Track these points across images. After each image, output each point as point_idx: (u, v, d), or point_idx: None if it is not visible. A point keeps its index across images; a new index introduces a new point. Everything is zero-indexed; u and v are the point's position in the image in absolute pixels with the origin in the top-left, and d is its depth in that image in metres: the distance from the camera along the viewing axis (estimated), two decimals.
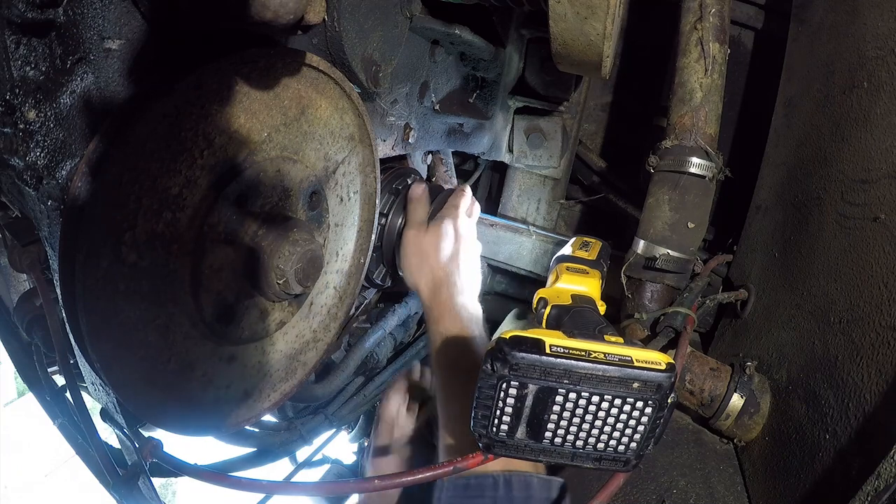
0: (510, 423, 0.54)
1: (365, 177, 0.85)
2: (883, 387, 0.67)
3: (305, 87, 0.67)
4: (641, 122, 1.51)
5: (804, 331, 0.86)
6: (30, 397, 1.91)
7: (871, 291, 0.74)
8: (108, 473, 0.61)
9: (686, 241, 1.02)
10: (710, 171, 1.01)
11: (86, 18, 0.48)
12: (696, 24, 1.02)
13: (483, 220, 1.40)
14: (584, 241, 0.98)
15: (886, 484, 0.58)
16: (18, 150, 0.47)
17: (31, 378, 0.94)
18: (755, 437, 0.90)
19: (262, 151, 0.63)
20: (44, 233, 0.54)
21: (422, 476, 0.57)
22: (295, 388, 0.81)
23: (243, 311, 0.66)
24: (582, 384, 0.51)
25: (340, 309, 0.87)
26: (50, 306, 0.62)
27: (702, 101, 1.02)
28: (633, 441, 0.54)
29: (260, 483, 0.62)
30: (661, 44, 1.37)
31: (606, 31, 0.75)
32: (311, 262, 0.66)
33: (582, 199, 1.60)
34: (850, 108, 0.89)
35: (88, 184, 0.50)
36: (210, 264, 0.60)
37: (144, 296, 0.55)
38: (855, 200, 0.82)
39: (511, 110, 1.47)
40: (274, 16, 0.50)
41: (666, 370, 0.51)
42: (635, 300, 1.06)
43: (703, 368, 0.94)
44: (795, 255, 0.95)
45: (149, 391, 0.58)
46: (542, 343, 0.52)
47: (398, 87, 0.97)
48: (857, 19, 0.93)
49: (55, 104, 0.48)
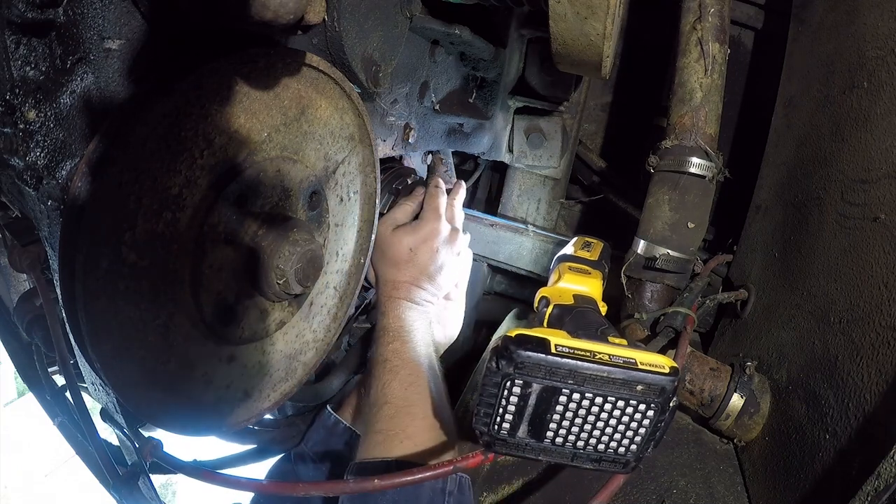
0: (512, 421, 0.54)
1: (365, 177, 0.85)
2: (883, 387, 0.67)
3: (305, 87, 0.67)
4: (641, 122, 1.51)
5: (804, 331, 0.86)
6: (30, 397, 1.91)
7: (871, 291, 0.74)
8: (108, 473, 0.61)
9: (686, 241, 1.02)
10: (710, 171, 1.01)
11: (86, 18, 0.48)
12: (695, 24, 1.02)
13: (483, 220, 1.40)
14: (586, 242, 0.98)
15: (886, 484, 0.58)
16: (18, 150, 0.47)
17: (31, 378, 0.94)
18: (755, 437, 0.90)
19: (262, 151, 0.63)
20: (44, 233, 0.54)
21: (421, 476, 0.57)
22: (295, 388, 0.81)
23: (243, 311, 0.66)
24: (586, 385, 0.51)
25: (340, 309, 0.87)
26: (50, 306, 0.62)
27: (702, 101, 1.02)
28: (633, 443, 0.55)
29: (260, 483, 0.62)
30: (661, 44, 1.37)
31: (606, 31, 0.75)
32: (311, 262, 0.66)
33: (582, 199, 1.60)
34: (850, 108, 0.89)
35: (88, 184, 0.49)
36: (210, 264, 0.60)
37: (144, 296, 0.55)
38: (855, 200, 0.82)
39: (511, 110, 1.47)
40: (274, 16, 0.50)
41: (670, 374, 0.52)
42: (635, 300, 1.06)
43: (703, 368, 0.94)
44: (795, 255, 0.95)
45: (149, 391, 0.58)
46: (547, 342, 0.52)
47: (398, 87, 0.97)
48: (857, 19, 0.93)
49: (55, 104, 0.48)
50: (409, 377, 0.81)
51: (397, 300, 0.91)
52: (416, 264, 0.93)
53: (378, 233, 0.93)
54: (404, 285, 0.92)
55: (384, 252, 0.94)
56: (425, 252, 0.93)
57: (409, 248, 0.93)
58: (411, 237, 0.93)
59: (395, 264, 0.93)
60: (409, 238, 0.93)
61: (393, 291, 0.92)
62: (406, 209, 0.97)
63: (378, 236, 0.93)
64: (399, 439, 0.74)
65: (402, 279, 0.93)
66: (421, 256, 0.93)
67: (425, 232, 0.93)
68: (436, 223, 0.94)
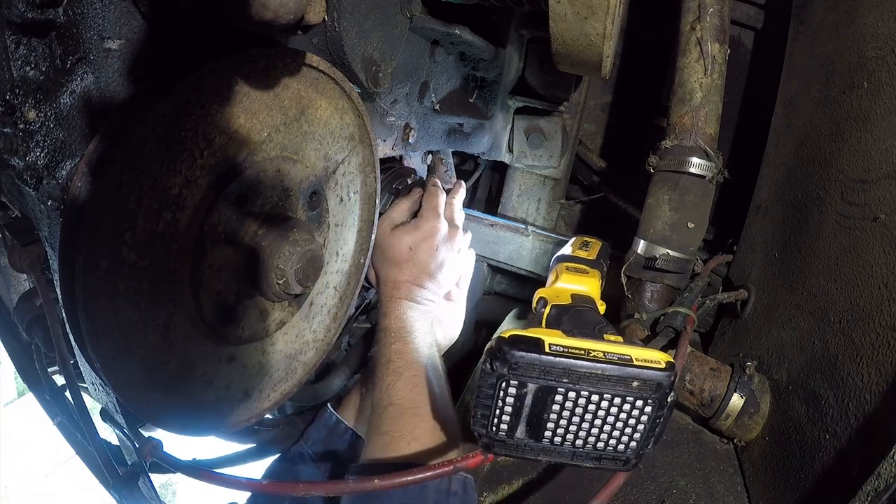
0: (510, 422, 0.54)
1: (365, 177, 0.85)
2: (883, 387, 0.67)
3: (305, 87, 0.67)
4: (641, 122, 1.51)
5: (804, 331, 0.86)
6: (30, 397, 1.91)
7: (871, 291, 0.74)
8: (108, 473, 0.61)
9: (686, 241, 1.02)
10: (710, 172, 1.01)
11: (86, 18, 0.48)
12: (695, 24, 1.02)
13: (483, 220, 1.40)
14: (584, 241, 0.98)
15: (886, 484, 0.58)
16: (18, 150, 0.47)
17: (31, 378, 0.94)
18: (755, 437, 0.90)
19: (262, 151, 0.63)
20: (44, 233, 0.54)
21: (421, 476, 0.57)
22: (295, 388, 0.81)
23: (243, 311, 0.66)
24: (581, 383, 0.51)
25: (340, 309, 0.87)
26: (50, 306, 0.62)
27: (702, 101, 1.02)
28: (632, 440, 0.54)
29: (260, 483, 0.62)
30: (661, 44, 1.37)
31: (606, 31, 0.75)
32: (311, 262, 0.66)
33: (582, 199, 1.60)
34: (850, 108, 0.89)
35: (88, 184, 0.49)
36: (210, 264, 0.60)
37: (144, 296, 0.55)
38: (855, 200, 0.82)
39: (511, 110, 1.47)
40: (274, 16, 0.50)
41: (665, 369, 0.51)
42: (635, 300, 1.06)
43: (703, 368, 0.94)
44: (795, 255, 0.95)
45: (149, 391, 0.58)
46: (541, 342, 0.52)
47: (398, 87, 0.97)
48: (857, 19, 0.93)
49: (55, 104, 0.48)
50: (413, 378, 0.80)
51: (398, 300, 0.91)
52: (417, 263, 0.92)
53: (377, 233, 0.93)
54: (405, 285, 0.92)
55: (384, 252, 0.94)
56: (425, 250, 0.92)
57: (409, 247, 0.92)
58: (410, 236, 0.93)
59: (396, 263, 0.93)
60: (409, 237, 0.93)
61: (394, 291, 0.92)
62: (403, 208, 0.97)
63: (377, 236, 0.93)
64: (406, 441, 0.74)
65: (402, 279, 0.92)
66: (421, 255, 0.92)
67: (424, 230, 0.93)
68: (434, 221, 0.94)
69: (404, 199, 0.98)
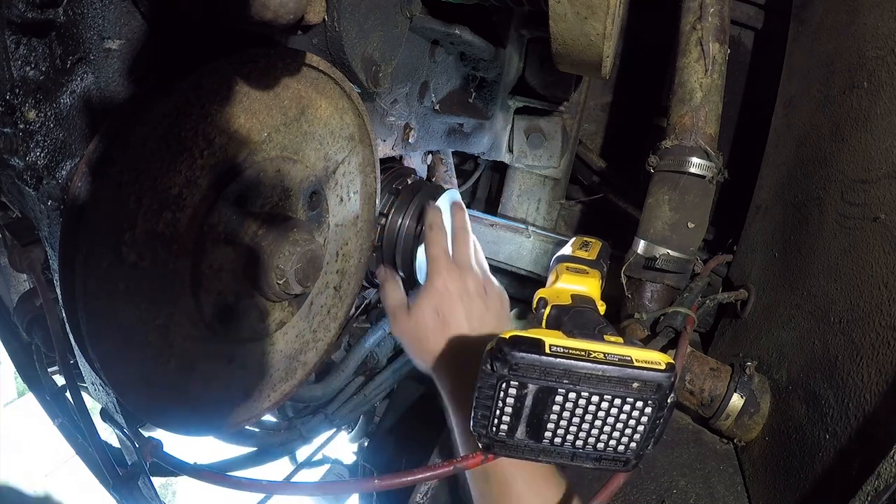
0: (510, 422, 0.54)
1: (365, 177, 0.85)
2: (883, 387, 0.67)
3: (305, 87, 0.67)
4: (641, 122, 1.51)
5: (804, 331, 0.86)
6: (30, 397, 1.91)
7: (871, 291, 0.74)
8: (108, 473, 0.61)
9: (686, 241, 1.02)
10: (710, 172, 1.01)
11: (86, 18, 0.48)
12: (695, 24, 1.02)
13: (483, 220, 1.40)
14: (584, 241, 0.98)
15: (886, 484, 0.58)
16: (18, 150, 0.47)
17: (31, 378, 0.94)
18: (755, 437, 0.90)
19: (262, 151, 0.63)
20: (44, 233, 0.54)
21: (422, 476, 0.57)
22: (295, 388, 0.81)
23: (243, 311, 0.66)
24: (581, 384, 0.51)
25: (340, 309, 0.87)
26: (50, 306, 0.62)
27: (702, 101, 1.02)
28: (632, 441, 0.54)
29: (260, 483, 0.62)
30: (661, 44, 1.37)
31: (606, 31, 0.75)
32: (311, 262, 0.66)
33: (582, 199, 1.60)
34: (850, 108, 0.89)
35: (88, 184, 0.49)
36: (210, 264, 0.60)
37: (144, 296, 0.55)
38: (855, 200, 0.82)
39: (511, 110, 1.47)
40: (274, 16, 0.50)
41: (666, 370, 0.51)
42: (635, 300, 1.06)
43: (703, 368, 0.94)
44: (795, 255, 0.95)
45: (149, 391, 0.58)
46: (541, 343, 0.52)
47: (398, 87, 0.97)
48: (857, 19, 0.93)
49: (55, 104, 0.48)
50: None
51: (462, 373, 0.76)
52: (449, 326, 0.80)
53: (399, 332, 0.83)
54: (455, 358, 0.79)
55: (419, 341, 0.81)
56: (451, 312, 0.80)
57: (436, 313, 0.80)
58: (428, 307, 0.80)
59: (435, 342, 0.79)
60: (427, 309, 0.80)
61: (452, 370, 0.77)
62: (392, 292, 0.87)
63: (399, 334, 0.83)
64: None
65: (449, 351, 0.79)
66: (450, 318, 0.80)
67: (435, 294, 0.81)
68: (442, 277, 0.82)
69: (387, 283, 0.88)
